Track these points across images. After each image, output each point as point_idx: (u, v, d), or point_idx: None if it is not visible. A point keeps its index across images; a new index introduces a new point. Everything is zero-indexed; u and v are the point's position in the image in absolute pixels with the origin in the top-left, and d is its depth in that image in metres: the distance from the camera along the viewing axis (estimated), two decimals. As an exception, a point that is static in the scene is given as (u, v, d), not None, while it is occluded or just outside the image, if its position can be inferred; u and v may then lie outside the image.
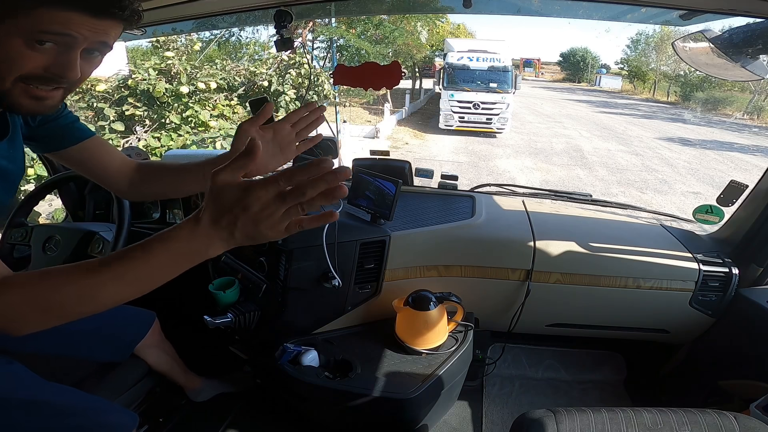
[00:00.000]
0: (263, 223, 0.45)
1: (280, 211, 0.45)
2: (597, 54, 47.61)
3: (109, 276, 0.48)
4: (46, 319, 0.50)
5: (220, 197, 0.46)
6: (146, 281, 0.49)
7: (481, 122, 11.16)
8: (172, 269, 0.49)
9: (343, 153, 6.40)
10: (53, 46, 0.54)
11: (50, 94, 0.59)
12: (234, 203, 0.45)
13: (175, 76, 4.37)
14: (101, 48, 0.59)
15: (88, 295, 0.49)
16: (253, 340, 1.35)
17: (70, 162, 0.85)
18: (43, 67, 0.55)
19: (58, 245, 1.37)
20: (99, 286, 0.49)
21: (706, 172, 9.00)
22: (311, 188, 0.44)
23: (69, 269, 0.49)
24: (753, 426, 0.82)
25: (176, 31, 2.74)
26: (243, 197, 0.45)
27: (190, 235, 0.47)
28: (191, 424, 1.41)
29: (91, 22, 0.54)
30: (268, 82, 5.16)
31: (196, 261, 0.49)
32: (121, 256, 0.49)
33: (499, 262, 1.40)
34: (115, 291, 0.49)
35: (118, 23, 0.57)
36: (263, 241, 0.47)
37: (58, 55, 0.55)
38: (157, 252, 0.48)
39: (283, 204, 0.45)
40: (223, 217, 0.46)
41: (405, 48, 11.83)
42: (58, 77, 0.56)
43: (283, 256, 1.24)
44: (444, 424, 1.45)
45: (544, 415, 0.85)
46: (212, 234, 0.47)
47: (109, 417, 0.94)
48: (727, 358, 1.39)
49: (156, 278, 0.49)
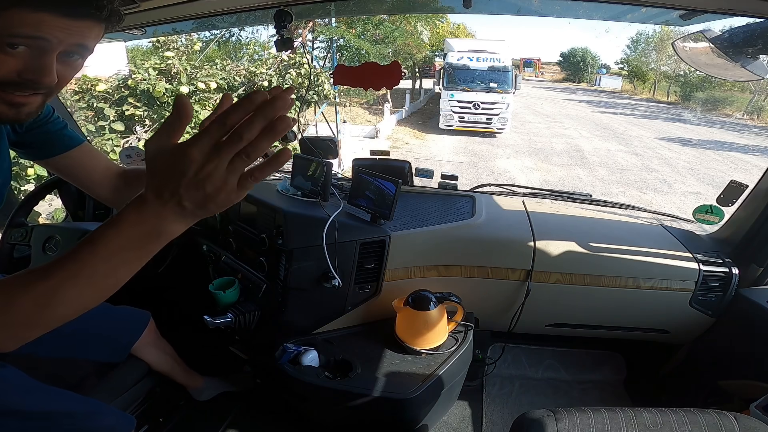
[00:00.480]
0: (207, 185, 0.38)
1: (221, 167, 0.38)
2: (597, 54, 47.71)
3: (62, 277, 0.42)
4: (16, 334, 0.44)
5: (155, 167, 0.40)
6: (104, 277, 0.43)
7: (481, 122, 11.16)
8: (128, 258, 0.43)
9: (343, 153, 6.40)
10: (26, 49, 0.51)
11: (28, 100, 0.56)
12: (170, 170, 0.39)
13: (175, 76, 4.37)
14: (80, 51, 0.55)
15: (45, 301, 0.42)
16: (253, 340, 1.35)
17: (56, 169, 0.83)
18: (16, 72, 0.52)
19: (58, 245, 1.37)
20: (55, 290, 0.42)
21: (706, 172, 9.00)
22: (247, 129, 0.37)
23: (21, 276, 0.44)
24: (753, 426, 0.82)
25: (176, 31, 2.74)
26: (176, 161, 0.38)
27: (137, 217, 0.41)
28: (191, 424, 1.41)
29: (66, 24, 0.50)
30: (268, 82, 5.16)
31: (153, 245, 0.43)
32: (71, 252, 0.43)
33: (499, 262, 1.40)
34: (74, 293, 0.43)
35: (96, 24, 0.54)
36: (220, 207, 0.40)
37: (32, 59, 0.51)
38: (106, 241, 0.42)
39: (220, 157, 0.38)
40: (165, 189, 0.40)
41: (405, 48, 11.83)
42: (33, 83, 0.53)
43: (283, 256, 1.24)
44: (444, 424, 1.45)
45: (544, 415, 0.85)
46: (160, 210, 0.41)
47: (104, 420, 0.94)
48: (727, 358, 1.39)
49: (114, 272, 0.43)
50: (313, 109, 7.46)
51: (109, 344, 1.14)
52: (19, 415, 0.84)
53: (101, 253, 0.42)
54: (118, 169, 0.87)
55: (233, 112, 0.37)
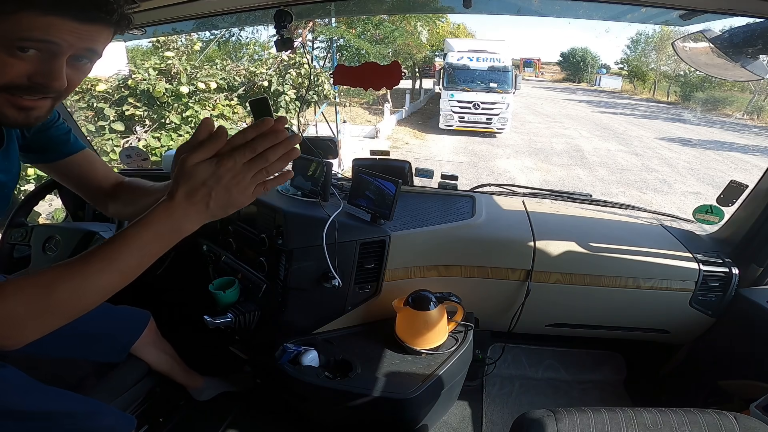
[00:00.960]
0: (234, 190, 0.50)
1: (248, 177, 0.50)
2: (597, 54, 47.71)
3: (98, 267, 0.49)
4: (44, 323, 0.49)
5: (193, 175, 0.49)
6: (134, 266, 0.51)
7: (481, 122, 11.16)
8: (155, 249, 0.51)
9: (343, 153, 6.40)
10: (36, 53, 0.51)
11: (37, 104, 0.56)
12: (207, 177, 0.49)
13: (175, 76, 4.37)
14: (89, 55, 0.56)
15: (81, 289, 0.49)
16: (253, 340, 1.35)
17: (55, 173, 0.83)
18: (26, 75, 0.52)
19: (58, 245, 1.37)
20: (91, 278, 0.49)
21: (706, 172, 9.00)
22: (272, 153, 0.51)
23: (59, 268, 0.49)
24: (753, 426, 0.82)
25: (176, 31, 2.74)
26: (215, 170, 0.49)
27: (166, 214, 0.50)
28: (191, 424, 1.41)
29: (76, 28, 0.51)
30: (268, 82, 5.15)
31: (175, 239, 0.52)
32: (105, 246, 0.50)
33: (499, 262, 1.40)
34: (107, 280, 0.50)
35: (105, 28, 0.54)
36: (235, 208, 0.52)
37: (42, 62, 0.52)
38: (138, 235, 0.50)
39: (250, 171, 0.50)
40: (198, 192, 0.50)
41: (405, 48, 11.82)
42: (43, 86, 0.54)
43: (283, 256, 1.24)
44: (444, 424, 1.45)
45: (544, 415, 0.85)
46: (188, 209, 0.50)
47: (105, 420, 0.94)
48: (727, 358, 1.39)
49: (142, 261, 0.51)
50: (313, 109, 7.46)
51: (109, 344, 1.14)
52: (19, 415, 0.84)
53: (133, 245, 0.50)
54: (115, 178, 0.86)
55: (263, 140, 0.51)
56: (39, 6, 0.48)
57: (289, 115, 5.14)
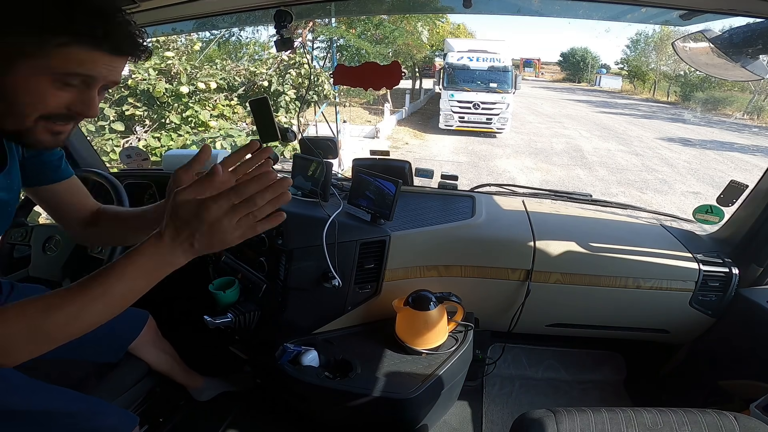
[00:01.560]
0: (218, 234, 0.51)
1: (233, 222, 0.50)
2: (597, 54, 47.67)
3: (91, 296, 0.52)
4: (38, 347, 0.51)
5: (178, 213, 0.51)
6: (124, 297, 0.53)
7: (481, 122, 11.15)
8: (144, 283, 0.53)
9: (343, 153, 6.40)
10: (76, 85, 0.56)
11: (65, 128, 0.60)
12: (191, 218, 0.51)
13: (175, 76, 4.37)
14: (112, 85, 0.61)
15: (74, 318, 0.51)
16: (253, 340, 1.35)
17: (36, 196, 0.83)
18: (65, 105, 0.56)
19: (58, 245, 1.37)
20: (84, 307, 0.51)
21: (706, 172, 9.00)
22: (260, 198, 0.50)
23: (55, 296, 0.52)
24: (753, 426, 0.82)
25: (176, 31, 2.74)
26: (198, 212, 0.50)
27: (154, 251, 0.52)
28: (191, 424, 1.41)
29: (111, 61, 0.56)
30: (268, 82, 5.15)
31: (164, 273, 0.54)
32: (98, 277, 0.52)
33: (499, 262, 1.40)
34: (98, 310, 0.52)
35: (129, 61, 0.59)
36: (222, 247, 0.53)
37: (80, 93, 0.57)
38: (129, 269, 0.52)
39: (235, 215, 0.50)
40: (183, 231, 0.51)
41: (405, 48, 11.82)
42: (79, 115, 0.59)
43: (283, 256, 1.24)
44: (444, 424, 1.45)
45: (544, 415, 0.85)
46: (175, 247, 0.52)
47: (107, 419, 0.94)
48: (727, 358, 1.39)
49: (132, 293, 0.54)
50: (313, 109, 7.46)
51: (107, 343, 1.14)
52: (21, 415, 0.84)
53: (123, 277, 0.52)
54: (93, 206, 0.86)
55: (252, 183, 0.50)
56: (88, 42, 0.53)
57: (289, 115, 5.14)
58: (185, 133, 4.31)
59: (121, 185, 1.34)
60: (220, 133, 4.45)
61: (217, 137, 4.39)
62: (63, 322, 0.51)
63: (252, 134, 4.53)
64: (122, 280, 0.52)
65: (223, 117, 4.70)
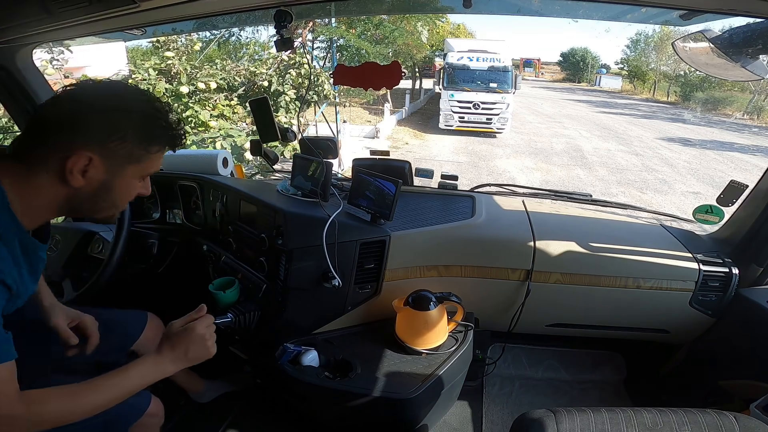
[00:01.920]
0: (200, 345, 0.78)
1: (210, 338, 0.79)
2: (597, 54, 47.56)
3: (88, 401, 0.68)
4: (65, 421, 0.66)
5: (174, 334, 0.77)
6: (123, 395, 0.72)
7: (481, 122, 11.15)
8: (143, 383, 0.74)
9: (343, 153, 6.40)
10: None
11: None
12: (185, 338, 0.77)
13: (175, 76, 4.37)
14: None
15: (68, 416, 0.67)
16: (253, 340, 1.35)
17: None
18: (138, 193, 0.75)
19: (58, 245, 1.37)
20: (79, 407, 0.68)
21: (706, 172, 9.00)
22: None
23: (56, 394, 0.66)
24: (753, 426, 0.82)
25: (176, 31, 2.74)
26: (190, 333, 0.77)
27: (155, 362, 0.76)
28: (191, 424, 1.41)
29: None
30: (268, 82, 5.15)
31: (159, 378, 0.76)
32: (107, 379, 0.71)
33: (499, 262, 1.40)
34: (90, 410, 0.68)
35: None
36: (206, 356, 0.79)
37: (144, 181, 0.75)
38: (132, 376, 0.73)
39: (211, 335, 0.80)
40: (179, 347, 0.77)
41: (405, 48, 11.80)
42: (141, 197, 0.76)
43: (283, 256, 1.24)
44: (444, 424, 1.45)
45: (544, 415, 0.85)
46: (172, 358, 0.76)
47: None
48: (727, 358, 1.39)
49: (130, 393, 0.73)
50: (313, 109, 7.46)
51: (108, 344, 1.14)
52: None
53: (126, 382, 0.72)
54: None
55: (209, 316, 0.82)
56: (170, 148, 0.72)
57: (289, 115, 5.14)
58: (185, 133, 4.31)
59: None
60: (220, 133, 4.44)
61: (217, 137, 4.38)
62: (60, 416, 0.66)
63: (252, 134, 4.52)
64: (126, 385, 0.72)
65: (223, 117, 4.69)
